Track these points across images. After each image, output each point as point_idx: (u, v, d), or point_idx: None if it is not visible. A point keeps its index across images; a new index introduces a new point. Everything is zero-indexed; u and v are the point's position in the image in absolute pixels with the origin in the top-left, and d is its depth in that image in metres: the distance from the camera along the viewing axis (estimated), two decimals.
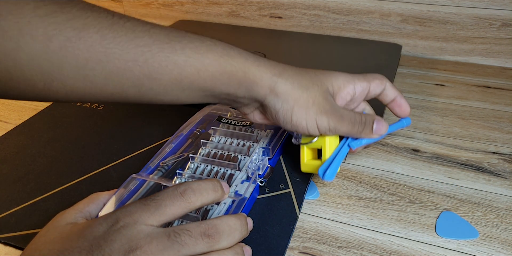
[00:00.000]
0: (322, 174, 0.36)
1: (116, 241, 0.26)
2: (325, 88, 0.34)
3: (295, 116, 0.34)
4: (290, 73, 0.34)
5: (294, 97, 0.33)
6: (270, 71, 0.33)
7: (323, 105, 0.34)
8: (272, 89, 0.33)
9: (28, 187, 0.43)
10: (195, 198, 0.30)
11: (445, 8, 0.66)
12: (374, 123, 0.36)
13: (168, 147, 0.43)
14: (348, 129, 0.35)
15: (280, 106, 0.34)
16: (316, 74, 0.35)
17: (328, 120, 0.34)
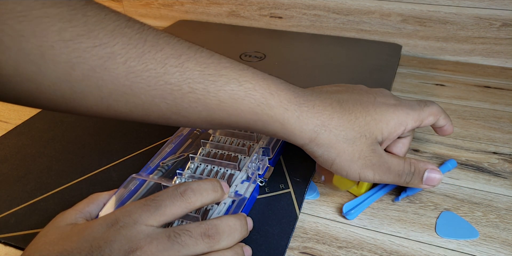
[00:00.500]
0: (346, 211, 0.36)
1: (116, 242, 0.26)
2: (374, 138, 0.31)
3: (335, 166, 0.31)
4: (337, 123, 0.30)
5: (337, 150, 0.30)
6: (313, 122, 0.30)
7: (370, 159, 0.31)
8: (313, 140, 0.30)
9: (28, 187, 0.43)
10: (195, 198, 0.30)
11: (445, 8, 0.66)
12: (425, 173, 0.33)
13: (168, 147, 0.43)
14: (394, 180, 0.33)
15: (321, 154, 0.31)
16: (367, 122, 0.31)
17: (374, 173, 0.32)
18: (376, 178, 0.32)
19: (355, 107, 0.31)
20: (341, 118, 0.30)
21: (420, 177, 0.33)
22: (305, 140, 0.30)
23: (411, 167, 0.33)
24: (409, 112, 0.32)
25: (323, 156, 0.31)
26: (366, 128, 0.31)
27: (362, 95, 0.33)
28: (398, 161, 0.32)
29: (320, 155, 0.31)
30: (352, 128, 0.30)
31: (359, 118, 0.31)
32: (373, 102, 0.32)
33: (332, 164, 0.31)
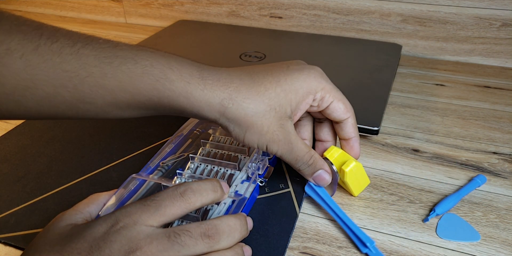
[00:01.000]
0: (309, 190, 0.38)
1: (115, 242, 0.26)
2: (283, 112, 0.32)
3: (247, 139, 0.32)
4: (245, 95, 0.30)
5: (247, 124, 0.31)
6: (218, 95, 0.30)
7: (277, 134, 0.32)
8: (223, 114, 0.30)
9: (28, 187, 0.42)
10: (194, 199, 0.29)
11: (445, 8, 0.66)
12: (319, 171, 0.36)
13: (168, 147, 0.43)
14: (291, 162, 0.35)
15: (232, 129, 0.32)
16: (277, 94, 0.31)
17: (278, 148, 0.33)
18: (278, 154, 0.33)
19: (265, 78, 0.31)
20: (249, 90, 0.30)
21: (312, 172, 0.35)
22: (215, 114, 0.30)
23: (311, 160, 0.35)
24: (321, 81, 0.33)
25: (235, 131, 0.32)
26: (276, 101, 0.31)
27: (275, 66, 0.33)
28: (302, 148, 0.34)
29: (232, 130, 0.32)
30: (262, 101, 0.31)
31: (268, 90, 0.31)
32: (285, 71, 0.32)
33: (244, 138, 0.32)
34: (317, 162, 0.36)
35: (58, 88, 0.27)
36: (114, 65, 0.28)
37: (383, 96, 0.54)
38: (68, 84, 0.27)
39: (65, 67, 0.27)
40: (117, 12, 0.91)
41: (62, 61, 0.26)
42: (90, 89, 0.28)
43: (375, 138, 0.49)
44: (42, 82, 0.26)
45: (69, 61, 0.27)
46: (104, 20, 0.94)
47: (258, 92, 0.31)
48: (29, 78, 0.26)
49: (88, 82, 0.27)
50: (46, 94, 0.27)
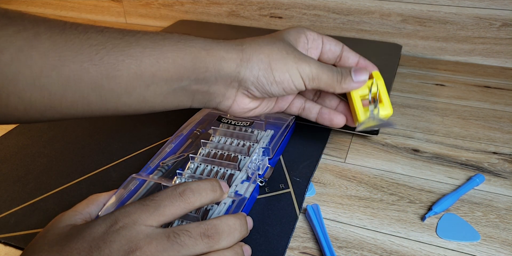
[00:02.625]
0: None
1: (115, 242, 0.26)
2: (288, 42, 0.35)
3: (276, 71, 0.33)
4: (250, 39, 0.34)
5: (266, 53, 0.32)
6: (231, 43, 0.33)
7: (297, 53, 0.34)
8: (242, 58, 0.32)
9: (28, 187, 0.43)
10: (194, 198, 0.30)
11: (445, 8, 0.66)
12: (351, 71, 0.36)
13: (168, 147, 0.43)
14: (329, 77, 0.35)
15: (258, 68, 0.32)
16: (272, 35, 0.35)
17: (309, 66, 0.33)
18: (313, 72, 0.34)
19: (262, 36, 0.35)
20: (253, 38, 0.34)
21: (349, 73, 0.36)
22: (236, 61, 0.32)
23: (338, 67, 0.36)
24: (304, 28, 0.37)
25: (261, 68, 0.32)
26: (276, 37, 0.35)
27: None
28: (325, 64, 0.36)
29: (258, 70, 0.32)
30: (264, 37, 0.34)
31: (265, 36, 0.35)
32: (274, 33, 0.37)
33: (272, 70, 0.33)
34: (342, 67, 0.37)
35: (84, 63, 0.27)
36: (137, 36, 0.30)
37: None
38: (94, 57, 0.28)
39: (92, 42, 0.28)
40: (117, 12, 0.91)
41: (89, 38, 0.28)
42: (116, 59, 0.28)
43: (375, 138, 0.49)
44: (69, 58, 0.27)
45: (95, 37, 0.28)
46: (104, 20, 0.94)
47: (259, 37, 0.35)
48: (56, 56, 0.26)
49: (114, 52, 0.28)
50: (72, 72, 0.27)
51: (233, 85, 0.33)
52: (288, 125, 0.47)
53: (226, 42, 0.33)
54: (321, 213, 0.38)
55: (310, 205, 0.39)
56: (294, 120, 0.49)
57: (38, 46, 0.26)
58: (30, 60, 0.26)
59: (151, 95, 0.31)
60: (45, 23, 0.27)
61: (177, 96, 0.32)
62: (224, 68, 0.32)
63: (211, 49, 0.31)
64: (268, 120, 0.48)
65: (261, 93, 0.34)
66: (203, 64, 0.31)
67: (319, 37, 0.37)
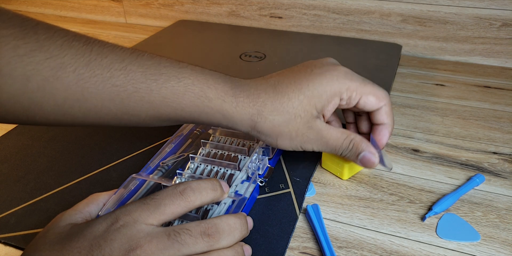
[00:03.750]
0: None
1: (116, 241, 0.26)
2: (309, 116, 0.33)
3: (280, 145, 0.35)
4: (271, 108, 0.33)
5: (276, 134, 0.34)
6: (249, 111, 0.33)
7: (307, 135, 0.34)
8: (253, 128, 0.34)
9: (28, 187, 0.42)
10: (194, 197, 0.30)
11: (445, 8, 0.66)
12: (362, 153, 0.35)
13: (168, 147, 0.43)
14: (333, 153, 0.36)
15: (264, 139, 0.35)
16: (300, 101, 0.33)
17: (313, 146, 0.35)
18: (315, 150, 0.35)
19: (288, 88, 0.33)
20: (274, 103, 0.33)
21: (356, 155, 0.35)
22: (247, 128, 0.34)
23: (350, 145, 0.35)
24: (345, 81, 0.33)
25: (267, 140, 0.35)
26: (299, 108, 0.33)
27: (299, 71, 0.34)
28: (338, 137, 0.35)
29: (264, 140, 0.35)
30: (287, 111, 0.33)
31: (292, 99, 0.33)
32: (308, 76, 0.33)
33: (276, 145, 0.35)
34: (359, 145, 0.35)
35: (106, 102, 0.29)
36: (159, 82, 0.30)
37: None
38: (115, 98, 0.29)
39: (114, 82, 0.29)
40: (117, 12, 0.91)
41: (112, 76, 0.29)
42: (136, 103, 0.30)
43: None
44: (91, 95, 0.28)
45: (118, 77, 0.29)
46: (104, 20, 0.94)
47: (282, 103, 0.33)
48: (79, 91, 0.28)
49: (135, 97, 0.30)
50: (94, 106, 0.29)
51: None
52: None
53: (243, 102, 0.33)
54: (321, 213, 0.38)
55: (310, 205, 0.39)
56: None
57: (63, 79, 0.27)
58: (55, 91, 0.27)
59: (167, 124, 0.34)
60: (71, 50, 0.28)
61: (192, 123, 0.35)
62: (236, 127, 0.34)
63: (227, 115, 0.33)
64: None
65: None
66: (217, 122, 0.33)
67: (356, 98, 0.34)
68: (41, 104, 0.28)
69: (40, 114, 0.28)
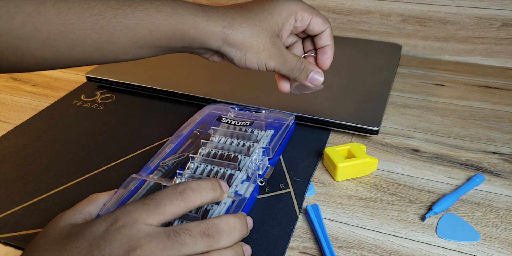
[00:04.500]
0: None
1: (115, 241, 0.26)
2: (273, 31, 0.37)
3: (248, 61, 0.37)
4: (240, 21, 0.36)
5: (246, 45, 0.36)
6: (219, 24, 0.35)
7: (272, 50, 0.37)
8: (225, 41, 0.36)
9: (28, 187, 0.43)
10: (194, 197, 0.30)
11: (445, 8, 0.66)
12: (311, 73, 0.39)
13: (168, 147, 0.43)
14: (287, 73, 0.39)
15: (234, 54, 0.37)
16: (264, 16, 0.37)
17: (275, 63, 0.38)
18: (276, 68, 0.38)
19: (253, 6, 0.37)
20: (243, 17, 0.36)
21: (306, 76, 0.39)
22: (219, 42, 0.36)
23: (302, 65, 0.39)
24: (299, 3, 0.38)
25: (237, 55, 0.37)
26: (265, 22, 0.36)
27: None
28: (294, 58, 0.38)
29: (234, 55, 0.37)
30: (254, 24, 0.36)
31: (257, 14, 0.36)
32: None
33: (245, 60, 0.37)
34: (308, 66, 0.39)
35: (87, 31, 0.31)
36: (133, 6, 0.33)
37: (383, 96, 0.54)
38: (95, 26, 0.31)
39: (92, 11, 0.31)
40: None
41: (89, 7, 0.31)
42: (114, 29, 0.32)
43: (375, 138, 0.49)
44: (73, 26, 0.30)
45: (95, 6, 0.31)
46: None
47: (250, 17, 0.36)
48: (61, 23, 0.30)
49: (113, 22, 0.32)
50: (76, 37, 0.31)
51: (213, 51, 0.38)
52: (288, 125, 0.47)
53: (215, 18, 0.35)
54: (321, 213, 0.38)
55: (310, 205, 0.39)
56: (294, 120, 0.49)
57: (44, 13, 0.29)
58: (39, 25, 0.29)
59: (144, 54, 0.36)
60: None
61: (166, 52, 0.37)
62: (208, 43, 0.36)
63: (199, 28, 0.34)
64: (268, 120, 0.48)
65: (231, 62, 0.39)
66: (190, 38, 0.35)
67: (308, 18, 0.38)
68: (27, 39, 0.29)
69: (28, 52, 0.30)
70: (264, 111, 0.49)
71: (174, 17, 0.34)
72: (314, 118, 0.49)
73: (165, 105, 0.56)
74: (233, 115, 0.49)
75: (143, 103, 0.57)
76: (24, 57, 0.31)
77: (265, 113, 0.49)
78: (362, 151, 0.43)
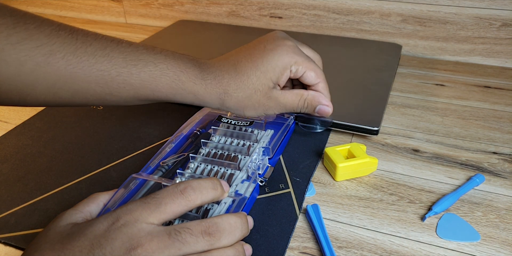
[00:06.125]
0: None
1: (117, 240, 0.26)
2: (267, 88, 0.38)
3: (247, 115, 0.40)
4: (234, 87, 0.38)
5: (242, 107, 0.39)
6: (216, 91, 0.38)
7: (268, 104, 0.39)
8: (222, 104, 0.39)
9: (28, 187, 0.42)
10: (195, 196, 0.30)
11: (445, 8, 0.66)
12: (317, 107, 0.41)
13: (168, 147, 0.43)
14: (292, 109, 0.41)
15: (233, 112, 0.40)
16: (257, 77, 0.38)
17: (274, 111, 0.40)
18: (277, 113, 0.41)
19: (246, 67, 0.38)
20: (236, 82, 0.38)
21: (313, 110, 0.41)
22: (217, 105, 0.39)
23: (305, 104, 0.40)
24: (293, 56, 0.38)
25: (236, 113, 0.40)
26: (258, 83, 0.38)
27: (254, 48, 0.39)
28: (293, 100, 0.40)
29: (233, 113, 0.41)
30: (247, 87, 0.38)
31: (250, 76, 0.38)
32: (262, 53, 0.39)
33: (244, 115, 0.40)
34: (312, 101, 0.40)
35: (92, 84, 0.33)
36: (138, 67, 0.34)
37: (383, 96, 0.54)
38: (100, 81, 0.33)
39: (99, 67, 0.32)
40: (117, 12, 0.91)
41: (97, 62, 0.32)
42: (118, 85, 0.34)
43: (375, 138, 0.49)
44: (79, 78, 0.32)
45: (102, 62, 0.33)
46: (104, 20, 0.94)
47: (242, 81, 0.38)
48: (68, 74, 0.31)
49: (118, 80, 0.34)
50: (81, 88, 0.33)
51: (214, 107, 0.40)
52: (288, 125, 0.47)
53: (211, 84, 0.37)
54: (321, 213, 0.38)
55: (310, 205, 0.39)
56: (294, 120, 0.49)
57: (53, 64, 0.31)
58: (46, 74, 0.31)
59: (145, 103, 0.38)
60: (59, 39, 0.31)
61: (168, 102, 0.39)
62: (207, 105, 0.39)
63: (198, 95, 0.37)
64: (268, 120, 0.48)
65: None
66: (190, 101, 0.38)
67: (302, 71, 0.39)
68: (33, 85, 0.31)
69: (32, 95, 0.32)
70: None
71: (176, 83, 0.36)
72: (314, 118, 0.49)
73: (165, 105, 0.56)
74: (233, 114, 0.49)
75: None
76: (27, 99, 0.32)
77: None
78: (362, 151, 0.43)
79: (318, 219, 0.37)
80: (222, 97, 0.38)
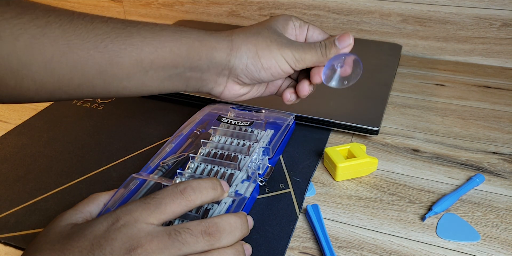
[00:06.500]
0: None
1: (117, 240, 0.26)
2: (274, 29, 0.37)
3: (263, 59, 0.36)
4: (239, 30, 0.37)
5: (253, 43, 0.36)
6: (222, 34, 0.36)
7: (281, 40, 0.36)
8: (231, 47, 0.35)
9: (28, 187, 0.42)
10: (195, 196, 0.30)
11: (445, 8, 0.66)
12: (335, 41, 0.37)
13: (168, 147, 0.43)
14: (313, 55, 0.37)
15: (246, 57, 0.36)
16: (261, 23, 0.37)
17: (291, 51, 0.36)
18: (296, 56, 0.36)
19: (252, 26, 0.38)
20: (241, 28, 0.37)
21: (333, 45, 0.37)
22: (226, 51, 0.35)
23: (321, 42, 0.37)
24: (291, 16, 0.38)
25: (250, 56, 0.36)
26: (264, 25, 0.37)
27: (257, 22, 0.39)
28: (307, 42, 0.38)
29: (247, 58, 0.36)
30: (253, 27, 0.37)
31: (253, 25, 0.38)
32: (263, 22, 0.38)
33: (259, 58, 0.36)
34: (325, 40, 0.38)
35: (91, 50, 0.31)
36: (138, 26, 0.33)
37: (383, 96, 0.54)
38: (99, 45, 0.31)
39: (97, 31, 0.31)
40: (117, 12, 0.91)
41: (95, 27, 0.31)
42: (119, 47, 0.32)
43: (375, 138, 0.49)
44: (77, 46, 0.30)
45: (101, 27, 0.31)
46: None
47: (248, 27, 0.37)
48: (65, 43, 0.30)
49: (118, 41, 0.32)
50: (79, 57, 0.31)
51: (224, 73, 0.36)
52: (288, 125, 0.47)
53: (218, 33, 0.36)
54: (321, 213, 0.38)
55: (310, 205, 0.39)
56: (294, 120, 0.49)
57: (49, 34, 0.29)
58: (42, 47, 0.29)
59: (149, 80, 0.34)
60: (55, 12, 0.30)
61: (173, 81, 0.35)
62: (215, 57, 0.35)
63: (204, 40, 0.35)
64: (268, 120, 0.48)
65: (250, 80, 0.37)
66: (197, 53, 0.34)
67: (305, 25, 0.38)
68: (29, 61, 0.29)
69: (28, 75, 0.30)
70: (264, 110, 0.49)
71: (178, 33, 0.34)
72: (314, 118, 0.49)
73: (165, 105, 0.56)
74: (233, 114, 0.49)
75: (143, 103, 0.57)
76: (23, 81, 0.30)
77: (265, 112, 0.49)
78: (362, 151, 0.43)
79: (318, 219, 0.37)
80: (229, 38, 0.36)
